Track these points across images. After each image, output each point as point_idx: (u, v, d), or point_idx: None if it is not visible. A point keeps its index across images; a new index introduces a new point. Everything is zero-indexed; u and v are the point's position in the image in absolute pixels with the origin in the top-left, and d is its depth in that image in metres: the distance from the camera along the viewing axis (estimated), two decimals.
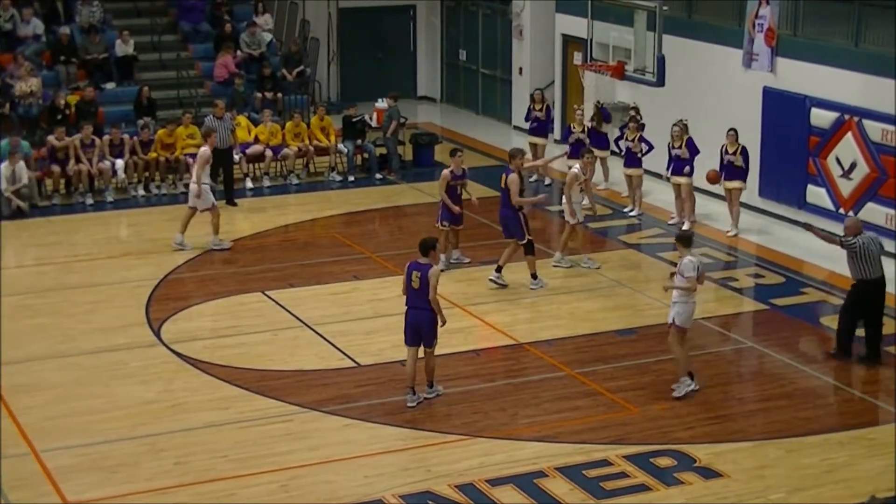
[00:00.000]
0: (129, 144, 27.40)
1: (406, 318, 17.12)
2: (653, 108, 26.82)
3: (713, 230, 24.63)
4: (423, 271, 16.83)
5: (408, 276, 16.94)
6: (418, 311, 16.98)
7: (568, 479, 15.05)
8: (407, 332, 17.13)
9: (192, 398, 17.43)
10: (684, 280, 16.97)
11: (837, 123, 23.65)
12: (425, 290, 16.82)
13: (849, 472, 15.26)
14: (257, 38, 32.79)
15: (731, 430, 16.47)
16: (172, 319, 20.34)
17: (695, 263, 17.01)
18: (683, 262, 17.03)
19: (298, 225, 25.61)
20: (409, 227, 25.47)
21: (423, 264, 16.90)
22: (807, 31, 24.92)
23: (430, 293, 16.82)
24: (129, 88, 30.56)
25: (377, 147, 29.52)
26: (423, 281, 16.79)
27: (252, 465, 15.49)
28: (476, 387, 17.81)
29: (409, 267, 16.98)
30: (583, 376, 18.09)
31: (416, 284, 16.86)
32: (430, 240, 17.29)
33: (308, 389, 17.67)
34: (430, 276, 16.82)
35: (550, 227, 25.55)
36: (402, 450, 16.09)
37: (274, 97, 31.32)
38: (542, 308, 20.90)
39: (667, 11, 24.05)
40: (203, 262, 23.22)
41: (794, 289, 21.63)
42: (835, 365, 18.56)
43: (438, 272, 17.16)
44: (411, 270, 16.92)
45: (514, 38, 33.23)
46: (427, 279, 16.78)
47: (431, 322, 17.00)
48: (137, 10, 33.61)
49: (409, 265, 17.00)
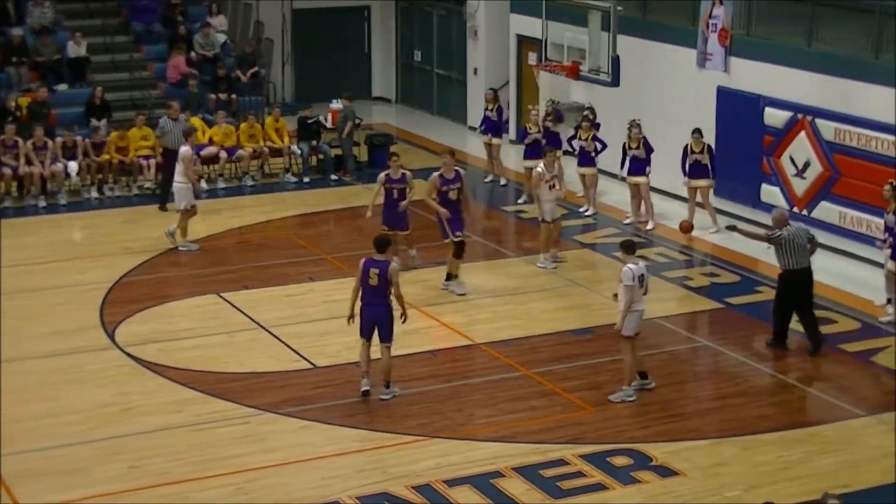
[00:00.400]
0: (81, 146, 27.24)
1: (363, 315, 17.10)
2: (607, 108, 26.87)
3: (669, 230, 24.69)
4: (381, 268, 16.83)
5: (365, 274, 16.92)
6: (376, 307, 16.98)
7: (525, 479, 15.06)
8: (364, 327, 17.14)
9: (147, 401, 17.33)
10: (622, 288, 16.96)
11: (791, 123, 23.77)
12: (384, 286, 16.82)
13: (803, 469, 15.33)
14: (211, 39, 32.67)
15: (687, 429, 16.52)
16: (127, 322, 20.23)
17: (633, 272, 16.92)
18: (622, 270, 17.02)
19: (253, 226, 25.53)
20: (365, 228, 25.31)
21: (380, 261, 16.90)
22: (760, 30, 25.04)
23: (395, 290, 16.91)
24: (82, 90, 30.38)
25: (332, 148, 29.47)
26: (382, 278, 16.79)
27: (208, 467, 15.42)
28: (433, 387, 17.80)
29: (366, 264, 16.95)
30: (539, 376, 18.10)
31: (375, 281, 16.85)
32: (386, 237, 17.31)
33: (264, 391, 17.61)
34: (392, 273, 16.88)
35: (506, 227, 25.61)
36: (358, 451, 16.06)
37: (228, 98, 31.21)
38: (498, 308, 20.89)
39: (621, 12, 24.07)
40: (158, 264, 23.10)
41: (749, 287, 21.71)
42: (789, 362, 18.69)
43: (398, 268, 17.17)
44: (368, 267, 16.91)
45: (469, 38, 33.25)
46: (388, 276, 16.79)
47: (389, 317, 17.02)
48: (89, 12, 33.37)
49: (366, 262, 16.98)
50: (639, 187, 24.91)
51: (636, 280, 16.88)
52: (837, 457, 15.68)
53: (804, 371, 18.58)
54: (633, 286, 16.86)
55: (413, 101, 36.48)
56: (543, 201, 22.45)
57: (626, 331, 17.09)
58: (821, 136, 23.15)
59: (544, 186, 22.37)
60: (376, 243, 17.09)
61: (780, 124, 24.00)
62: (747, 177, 24.67)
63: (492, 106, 28.47)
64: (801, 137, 23.56)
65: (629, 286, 16.85)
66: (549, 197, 22.44)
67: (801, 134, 23.55)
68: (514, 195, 27.41)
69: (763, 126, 24.34)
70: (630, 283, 16.84)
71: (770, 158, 24.27)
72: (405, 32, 36.65)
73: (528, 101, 29.96)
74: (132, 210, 26.47)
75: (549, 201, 22.45)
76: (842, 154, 22.80)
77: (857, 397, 17.49)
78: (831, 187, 23.09)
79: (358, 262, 17.16)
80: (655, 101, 26.61)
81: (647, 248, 23.53)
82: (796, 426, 16.63)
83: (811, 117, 23.31)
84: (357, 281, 17.11)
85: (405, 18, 36.61)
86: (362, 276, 16.95)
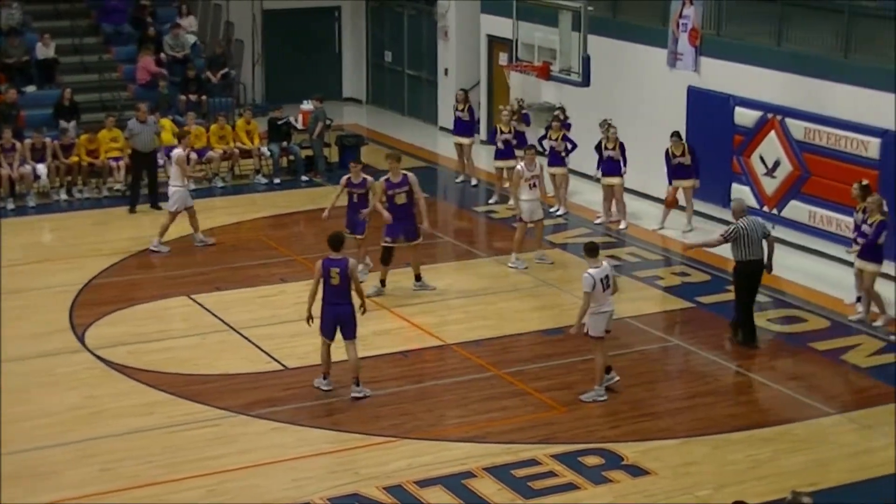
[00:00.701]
0: (50, 148, 27.13)
1: (325, 315, 17.09)
2: (578, 108, 26.89)
3: (641, 230, 24.73)
4: (341, 266, 16.85)
5: (325, 274, 16.90)
6: (340, 306, 17.01)
7: (496, 479, 15.06)
8: (327, 327, 17.16)
9: (118, 404, 17.28)
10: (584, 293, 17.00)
11: (761, 122, 23.84)
12: (346, 284, 16.84)
13: (773, 468, 15.38)
14: (181, 39, 32.59)
15: (658, 428, 16.55)
16: (97, 325, 20.16)
17: (594, 278, 16.85)
18: (583, 275, 16.99)
19: (224, 228, 25.44)
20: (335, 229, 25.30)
21: (337, 259, 16.92)
22: (730, 30, 25.12)
23: (355, 285, 16.99)
24: (51, 91, 30.25)
25: (303, 149, 29.42)
26: (343, 276, 16.81)
27: (180, 469, 15.38)
28: (404, 388, 17.80)
29: (325, 264, 16.95)
30: (510, 376, 18.11)
31: (336, 281, 16.87)
32: (339, 234, 17.34)
33: (235, 393, 17.58)
34: (352, 269, 16.94)
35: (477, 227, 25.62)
36: (329, 452, 16.05)
37: (198, 99, 31.15)
38: (469, 309, 20.89)
39: (592, 12, 24.12)
40: (128, 266, 23.03)
41: (719, 287, 21.73)
42: (759, 361, 18.76)
43: (356, 262, 17.23)
44: (328, 267, 16.91)
45: (440, 38, 33.23)
46: (348, 273, 16.83)
47: (353, 315, 17.08)
48: (58, 13, 33.19)
49: (324, 262, 16.97)
50: (612, 188, 24.93)
51: (599, 283, 16.85)
52: (807, 455, 15.74)
53: (774, 370, 18.63)
54: (592, 293, 16.82)
55: (384, 102, 36.46)
56: (522, 200, 22.44)
57: (593, 331, 17.10)
58: (791, 135, 23.23)
59: (524, 185, 22.36)
60: (331, 242, 17.09)
61: (750, 124, 24.07)
62: (718, 176, 24.73)
63: (462, 106, 28.47)
64: (771, 137, 23.64)
65: (587, 293, 16.84)
66: (528, 196, 22.41)
67: (771, 133, 23.63)
68: (486, 195, 27.42)
69: (733, 126, 24.41)
70: (588, 290, 16.80)
71: (740, 158, 24.35)
72: (376, 33, 36.63)
73: (499, 102, 29.95)
74: (102, 212, 26.36)
75: (527, 200, 22.42)
76: (811, 153, 22.89)
77: (827, 395, 17.55)
78: (801, 186, 23.17)
79: None
80: (626, 101, 26.65)
81: (619, 248, 23.59)
82: (766, 425, 16.68)
83: (781, 117, 23.38)
84: (315, 283, 17.08)
85: (376, 19, 36.60)
86: (323, 277, 16.94)
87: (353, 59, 37.22)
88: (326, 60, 37.03)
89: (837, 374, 18.38)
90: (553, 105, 27.82)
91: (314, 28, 36.78)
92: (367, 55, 36.98)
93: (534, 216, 22.57)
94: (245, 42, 34.75)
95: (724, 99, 24.54)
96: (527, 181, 22.32)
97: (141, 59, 31.48)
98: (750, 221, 19.02)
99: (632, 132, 25.33)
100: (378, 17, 36.45)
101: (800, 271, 21.59)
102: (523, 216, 22.49)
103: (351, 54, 37.21)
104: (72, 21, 32.95)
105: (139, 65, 31.48)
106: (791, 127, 23.21)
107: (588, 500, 14.70)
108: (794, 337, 19.57)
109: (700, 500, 14.64)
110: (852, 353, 18.91)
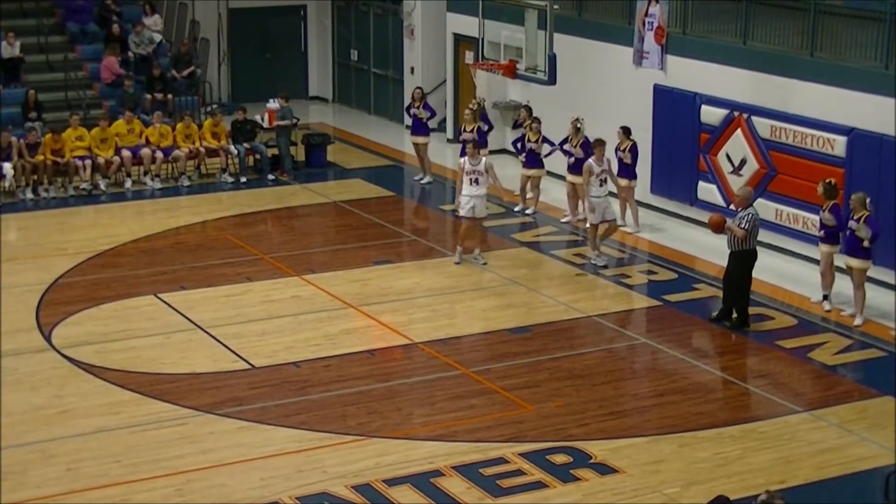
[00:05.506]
0: (16, 147, 26.98)
1: None
2: (545, 106, 26.89)
3: None
4: None
5: None
6: None
7: (464, 478, 15.05)
8: None
9: (83, 403, 17.19)
10: None
11: (727, 120, 23.89)
12: None
13: (741, 466, 15.40)
14: (146, 38, 32.46)
15: (626, 426, 16.57)
16: (63, 324, 20.05)
17: None
18: None
19: (190, 227, 25.35)
20: (302, 227, 25.39)
21: None
22: (696, 28, 25.16)
23: None
24: (16, 90, 30.11)
25: (269, 148, 29.33)
26: None
27: (145, 469, 15.31)
28: (371, 387, 17.75)
29: None
30: (477, 375, 18.09)
31: None
32: None
33: (201, 392, 17.51)
34: None
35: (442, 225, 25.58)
36: (297, 451, 15.98)
37: (164, 98, 31.03)
38: (436, 307, 20.87)
39: (557, 10, 24.12)
40: (94, 265, 22.91)
41: (686, 285, 21.80)
42: (727, 359, 18.83)
43: None
44: None
45: (406, 37, 33.18)
46: None
47: None
48: (23, 11, 33.05)
49: None
50: (575, 186, 24.92)
51: None
52: (774, 453, 15.76)
53: (741, 368, 18.69)
54: None
55: (350, 101, 36.38)
56: (462, 195, 22.43)
57: None
58: (757, 133, 23.29)
59: (466, 179, 22.36)
60: None
61: (716, 122, 24.12)
62: (684, 174, 24.79)
63: (419, 104, 28.35)
64: (738, 135, 23.69)
65: None
66: (469, 192, 22.37)
67: (738, 131, 23.68)
68: (451, 194, 27.38)
69: (699, 124, 24.45)
70: None
71: (706, 156, 24.39)
72: (342, 32, 36.55)
73: (466, 101, 29.91)
74: (67, 211, 26.23)
75: (468, 196, 22.38)
76: (778, 151, 22.95)
77: (794, 393, 17.62)
78: (767, 184, 23.22)
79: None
80: (592, 99, 26.67)
81: (583, 247, 23.56)
82: (734, 423, 16.70)
83: (747, 115, 23.44)
84: None
85: (342, 17, 36.52)
86: None
87: (320, 58, 37.12)
88: (292, 59, 36.94)
89: (804, 372, 18.44)
90: (519, 103, 27.80)
91: (280, 27, 36.69)
92: (333, 54, 36.89)
93: (476, 213, 22.56)
94: (211, 41, 34.65)
95: (691, 97, 24.59)
96: (468, 175, 22.34)
97: (105, 59, 31.35)
98: (754, 210, 19.64)
99: (598, 130, 25.29)
100: (344, 15, 36.37)
101: (766, 269, 21.63)
102: (460, 211, 22.56)
103: (317, 53, 37.12)
104: (37, 20, 32.80)
105: (103, 64, 31.34)
106: (757, 125, 23.27)
107: (556, 498, 14.70)
108: (760, 335, 19.62)
109: (668, 497, 14.66)
110: (819, 350, 18.97)
